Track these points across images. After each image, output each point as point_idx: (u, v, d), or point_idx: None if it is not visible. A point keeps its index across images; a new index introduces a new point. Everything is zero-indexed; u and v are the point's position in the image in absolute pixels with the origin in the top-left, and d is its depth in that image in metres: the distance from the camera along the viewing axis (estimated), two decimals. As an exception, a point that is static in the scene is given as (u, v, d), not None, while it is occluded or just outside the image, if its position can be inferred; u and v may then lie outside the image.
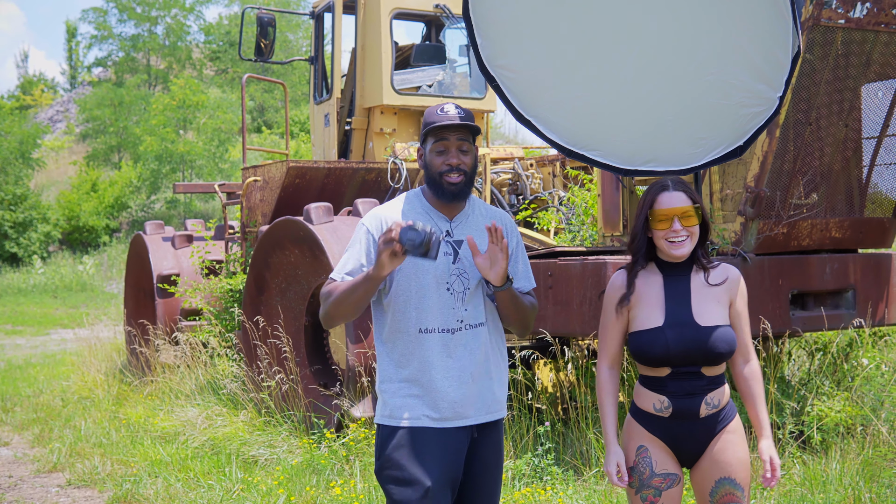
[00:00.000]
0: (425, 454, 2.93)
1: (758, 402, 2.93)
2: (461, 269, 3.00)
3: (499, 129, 33.48)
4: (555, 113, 3.81)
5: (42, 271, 26.70)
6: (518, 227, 7.25)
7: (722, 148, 3.97)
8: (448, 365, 2.97)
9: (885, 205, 5.85)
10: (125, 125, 33.01)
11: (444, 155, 2.98)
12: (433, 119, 2.99)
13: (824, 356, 6.32)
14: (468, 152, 3.00)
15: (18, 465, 6.80)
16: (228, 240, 8.96)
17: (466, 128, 2.99)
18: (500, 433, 3.12)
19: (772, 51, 3.86)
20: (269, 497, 5.35)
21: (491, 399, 3.05)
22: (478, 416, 3.01)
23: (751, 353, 2.98)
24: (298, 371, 6.71)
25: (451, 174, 2.98)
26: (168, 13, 38.70)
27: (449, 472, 2.95)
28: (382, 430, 3.03)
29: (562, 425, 5.90)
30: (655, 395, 2.93)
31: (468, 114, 3.01)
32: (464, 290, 2.99)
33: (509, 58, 3.74)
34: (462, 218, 3.07)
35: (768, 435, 2.87)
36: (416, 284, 2.98)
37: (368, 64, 8.58)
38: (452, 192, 2.99)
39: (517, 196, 8.25)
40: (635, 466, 2.97)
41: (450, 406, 2.96)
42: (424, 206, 3.06)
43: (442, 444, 2.95)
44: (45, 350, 13.88)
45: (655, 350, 2.89)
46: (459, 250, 3.01)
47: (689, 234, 2.90)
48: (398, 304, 3.00)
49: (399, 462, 2.93)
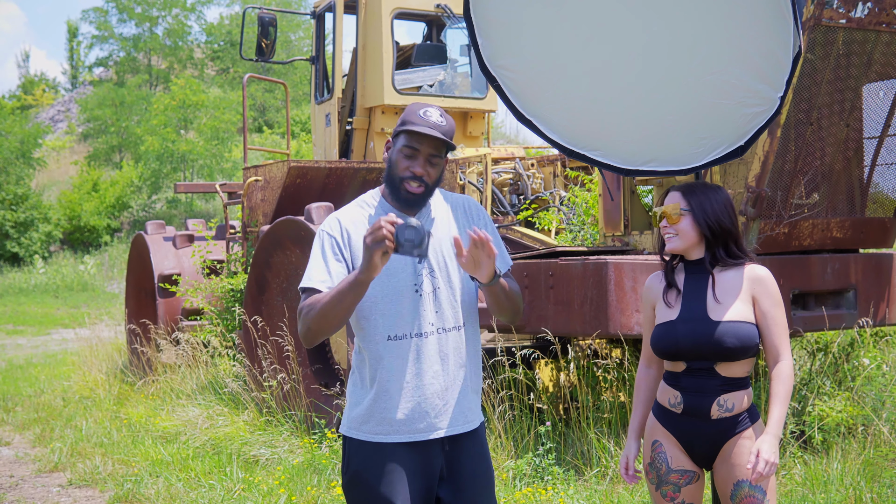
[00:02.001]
0: (394, 471, 2.75)
1: (774, 400, 2.90)
2: (429, 269, 2.81)
3: (500, 129, 33.50)
4: (555, 113, 3.82)
5: (43, 271, 26.73)
6: (519, 227, 7.28)
7: (723, 148, 3.97)
8: (419, 373, 2.77)
9: (887, 205, 5.85)
10: (126, 125, 33.05)
11: (410, 160, 2.80)
12: (412, 120, 2.82)
13: (825, 356, 6.32)
14: (437, 165, 2.83)
15: (20, 464, 6.81)
16: (229, 239, 8.97)
17: (442, 141, 2.80)
18: (481, 441, 2.92)
19: (773, 50, 3.86)
20: (270, 497, 5.35)
21: (465, 408, 2.85)
22: (452, 428, 2.81)
23: (782, 353, 2.93)
24: (300, 370, 6.72)
25: (412, 182, 2.80)
26: (169, 13, 38.73)
27: (420, 489, 2.78)
28: (350, 442, 2.84)
29: (563, 425, 5.90)
30: (671, 391, 2.98)
31: (449, 126, 2.84)
32: (433, 289, 2.81)
33: (510, 58, 3.74)
34: (424, 214, 2.88)
35: (770, 431, 2.86)
36: (381, 288, 2.77)
37: (369, 64, 8.58)
38: (409, 200, 2.82)
39: (518, 196, 8.25)
40: (653, 462, 3.01)
41: (421, 417, 2.77)
42: (384, 206, 2.88)
43: (413, 459, 2.77)
44: (47, 350, 13.89)
45: (666, 343, 2.95)
46: None
47: (676, 232, 3.01)
48: (363, 311, 2.79)
49: (366, 480, 2.76)
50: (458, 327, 2.85)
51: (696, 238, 3.00)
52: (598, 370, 5.82)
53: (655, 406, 3.06)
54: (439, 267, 2.83)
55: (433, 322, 2.80)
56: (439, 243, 2.85)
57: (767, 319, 2.95)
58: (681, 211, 3.00)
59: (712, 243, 3.00)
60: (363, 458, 2.79)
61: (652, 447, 3.01)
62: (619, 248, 5.78)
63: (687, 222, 2.99)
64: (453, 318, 2.84)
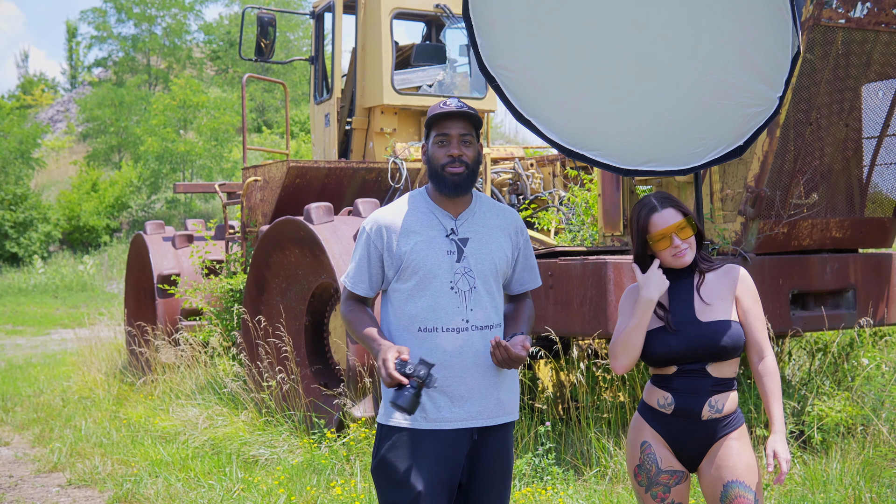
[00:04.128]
0: (420, 457, 2.88)
1: (771, 398, 2.94)
2: (466, 268, 2.94)
3: (499, 129, 33.47)
4: (555, 113, 3.82)
5: (42, 271, 26.71)
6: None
7: (722, 148, 3.97)
8: (449, 365, 2.89)
9: (886, 204, 5.85)
10: (125, 125, 33.04)
11: (445, 146, 2.95)
12: (435, 111, 2.96)
13: (825, 356, 6.32)
14: (470, 144, 2.96)
15: (19, 464, 6.81)
16: (229, 240, 8.97)
17: (468, 118, 2.95)
18: (506, 438, 3.04)
19: (772, 51, 3.86)
20: (269, 497, 5.35)
21: (494, 403, 2.97)
22: (479, 420, 2.94)
23: (765, 349, 2.99)
24: (299, 371, 6.72)
25: (453, 165, 2.93)
26: (167, 13, 38.71)
27: (444, 476, 2.90)
28: (381, 429, 3.00)
29: (562, 425, 5.90)
30: (661, 392, 2.99)
31: (471, 109, 2.98)
32: (469, 288, 2.93)
33: (509, 58, 3.74)
34: (468, 215, 3.01)
35: (777, 430, 2.88)
36: (417, 282, 2.93)
37: (369, 64, 8.58)
38: (454, 182, 2.94)
39: (517, 196, 8.25)
40: (642, 464, 3.01)
41: (447, 407, 2.90)
42: (429, 205, 3.01)
43: (438, 446, 2.90)
44: (46, 350, 13.89)
45: (658, 349, 2.96)
46: (465, 248, 2.96)
47: (689, 245, 3.00)
48: (399, 302, 2.97)
49: (393, 463, 2.90)
50: (490, 326, 2.97)
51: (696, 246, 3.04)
52: (597, 370, 5.82)
53: (642, 407, 3.06)
54: (476, 266, 2.95)
55: (468, 319, 2.93)
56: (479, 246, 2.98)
57: (749, 316, 3.00)
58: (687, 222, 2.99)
59: (698, 248, 3.05)
60: (392, 443, 2.92)
61: (640, 448, 3.01)
62: (618, 248, 5.78)
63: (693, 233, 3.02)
64: (487, 317, 2.96)
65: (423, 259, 2.92)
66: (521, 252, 3.10)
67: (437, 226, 2.98)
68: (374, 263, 3.00)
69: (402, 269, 2.94)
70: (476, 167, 2.99)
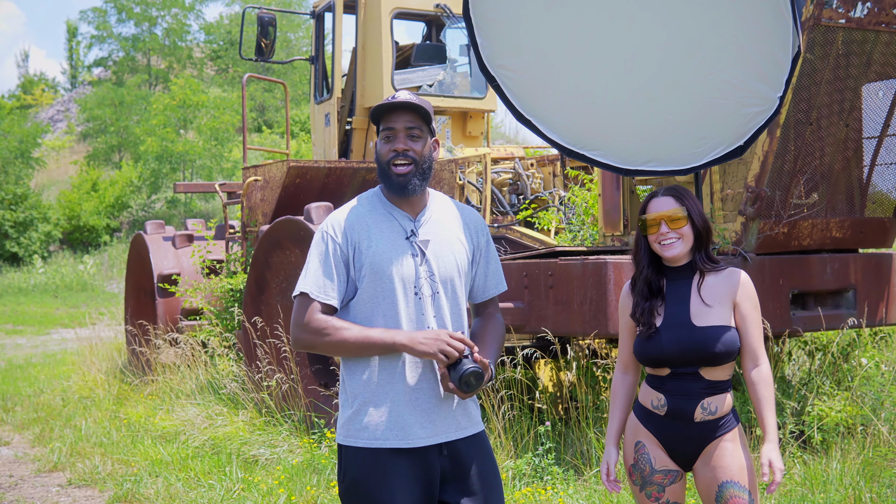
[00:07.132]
0: (392, 477, 2.65)
1: (764, 406, 2.91)
2: (429, 272, 2.72)
3: (499, 129, 33.49)
4: (555, 113, 3.82)
5: (43, 271, 26.72)
6: (519, 227, 7.28)
7: (722, 148, 3.97)
8: (415, 377, 2.68)
9: (886, 205, 5.85)
10: (126, 125, 33.04)
11: (390, 142, 2.69)
12: (379, 104, 2.70)
13: (824, 356, 6.32)
14: (419, 138, 2.70)
15: (19, 464, 6.81)
16: (229, 239, 8.97)
17: (415, 111, 2.68)
18: (482, 443, 2.83)
19: (772, 50, 3.86)
20: (269, 496, 5.35)
21: (462, 414, 2.76)
22: (447, 434, 2.72)
23: (760, 356, 2.94)
24: (298, 371, 6.72)
25: (397, 162, 2.68)
26: (168, 12, 38.72)
27: (420, 495, 2.68)
28: (345, 450, 2.73)
29: (562, 425, 5.90)
30: (655, 393, 2.97)
31: (421, 101, 2.70)
32: (432, 293, 2.73)
33: (509, 58, 3.74)
34: (426, 215, 2.79)
35: (771, 439, 2.86)
36: (381, 289, 2.69)
37: (369, 63, 8.58)
38: (399, 183, 2.69)
39: (518, 196, 8.25)
40: (636, 463, 3.01)
41: (417, 423, 2.67)
42: (385, 205, 2.77)
43: (410, 464, 2.67)
44: (46, 350, 13.89)
45: (650, 350, 2.94)
46: (426, 251, 2.74)
47: (679, 236, 2.94)
48: (363, 312, 2.71)
49: (364, 488, 2.67)
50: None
51: (693, 242, 2.97)
52: (597, 370, 5.82)
53: (637, 407, 3.05)
54: (440, 270, 2.75)
55: (431, 326, 2.71)
56: (439, 248, 2.77)
57: (747, 323, 2.95)
58: (683, 214, 2.95)
59: (699, 246, 2.99)
60: (359, 465, 2.69)
61: (634, 448, 3.01)
62: (618, 248, 5.78)
63: (687, 226, 2.96)
64: (453, 322, 2.76)
65: (387, 263, 2.69)
66: (482, 254, 2.89)
67: (396, 228, 2.75)
68: (339, 269, 2.72)
69: (364, 274, 2.71)
70: (427, 163, 2.74)
